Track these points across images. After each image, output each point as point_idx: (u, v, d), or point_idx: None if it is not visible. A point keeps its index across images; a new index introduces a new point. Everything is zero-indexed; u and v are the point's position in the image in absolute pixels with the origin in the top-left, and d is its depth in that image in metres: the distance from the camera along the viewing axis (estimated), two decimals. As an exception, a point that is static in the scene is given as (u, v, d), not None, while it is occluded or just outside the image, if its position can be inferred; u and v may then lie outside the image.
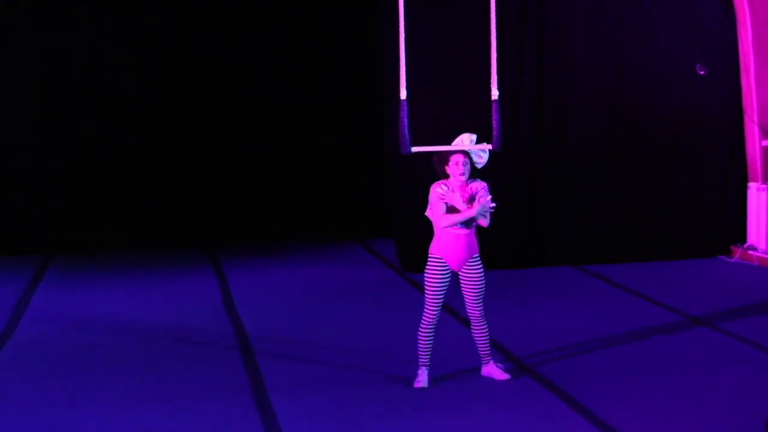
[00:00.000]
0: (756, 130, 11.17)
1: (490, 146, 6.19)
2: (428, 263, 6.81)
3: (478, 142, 6.34)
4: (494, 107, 5.97)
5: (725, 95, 11.26)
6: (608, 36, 11.05)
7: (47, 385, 7.04)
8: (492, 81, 5.95)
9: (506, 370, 7.06)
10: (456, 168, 6.58)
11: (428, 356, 6.90)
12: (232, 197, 12.87)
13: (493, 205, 6.54)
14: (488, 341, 6.98)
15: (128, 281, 10.76)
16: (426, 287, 6.85)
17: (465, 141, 6.56)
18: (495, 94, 6.03)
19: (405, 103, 5.41)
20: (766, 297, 9.61)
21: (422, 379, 6.86)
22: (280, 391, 6.79)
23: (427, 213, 6.75)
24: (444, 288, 6.82)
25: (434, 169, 6.68)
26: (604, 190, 11.20)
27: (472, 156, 6.59)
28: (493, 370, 6.98)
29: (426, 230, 6.82)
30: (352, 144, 12.98)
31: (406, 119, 5.37)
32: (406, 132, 5.36)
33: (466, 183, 6.66)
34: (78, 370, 7.43)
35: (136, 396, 6.78)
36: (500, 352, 7.62)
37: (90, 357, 7.82)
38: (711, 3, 11.18)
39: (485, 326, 6.93)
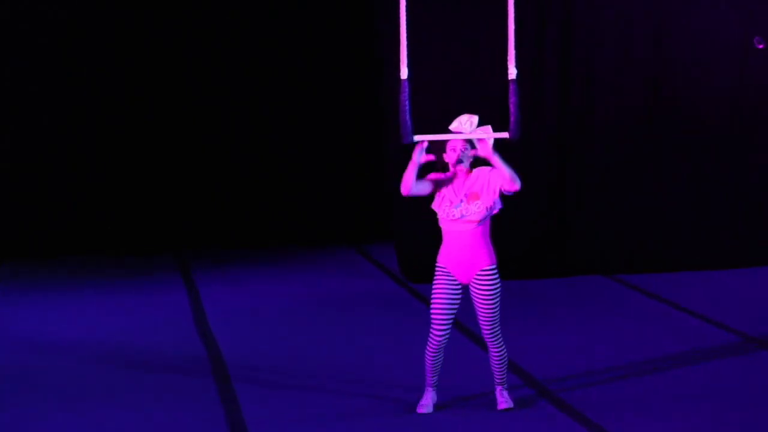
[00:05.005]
0: (826, 114, 10.90)
1: (506, 134, 5.92)
2: (434, 273, 6.64)
3: (488, 126, 6.04)
4: (511, 88, 5.74)
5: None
6: (645, 11, 10.91)
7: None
8: (509, 58, 5.69)
9: (516, 398, 6.86)
10: (452, 155, 6.36)
11: (435, 377, 6.75)
12: (215, 200, 12.85)
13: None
14: (502, 366, 6.76)
15: (85, 296, 10.65)
16: (431, 301, 6.63)
17: (464, 124, 6.34)
18: (512, 72, 5.81)
19: (406, 84, 5.17)
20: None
21: (426, 403, 6.69)
22: (261, 425, 6.69)
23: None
24: (449, 304, 6.59)
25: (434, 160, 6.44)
26: (640, 187, 11.03)
27: (474, 141, 6.37)
28: (498, 396, 6.75)
29: (432, 234, 6.66)
30: (346, 140, 13.02)
31: (407, 103, 5.11)
32: (408, 118, 5.10)
33: (468, 172, 6.45)
34: (21, 401, 7.26)
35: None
36: (518, 375, 7.48)
37: (36, 385, 7.66)
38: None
39: (499, 350, 6.70)
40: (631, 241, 11.05)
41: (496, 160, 6.20)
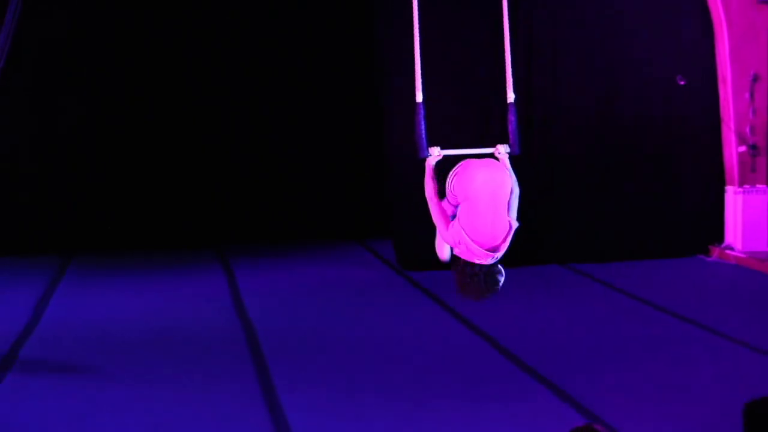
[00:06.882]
0: (733, 137, 11.18)
1: (507, 148, 5.35)
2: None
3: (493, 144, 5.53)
4: (510, 110, 5.38)
5: (705, 105, 11.29)
6: (596, 49, 11.03)
7: (63, 381, 6.96)
8: (507, 84, 5.52)
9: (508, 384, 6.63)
10: None
11: None
12: (235, 198, 12.45)
13: None
14: None
15: (143, 281, 10.49)
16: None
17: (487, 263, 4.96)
18: (511, 97, 5.47)
19: (422, 106, 5.18)
20: (742, 293, 9.66)
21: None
22: (286, 384, 6.75)
23: None
24: None
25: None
26: (591, 193, 11.15)
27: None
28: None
29: (424, 230, 6.30)
30: (352, 147, 12.56)
31: (423, 123, 5.15)
32: (424, 136, 5.16)
33: None
34: (94, 365, 7.33)
35: (148, 389, 6.72)
36: (499, 351, 7.54)
37: (103, 355, 7.69)
38: (691, 18, 11.19)
39: None
40: (581, 237, 11.09)
41: (507, 163, 5.18)
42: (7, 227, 11.86)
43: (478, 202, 4.80)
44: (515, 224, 4.86)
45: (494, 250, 4.76)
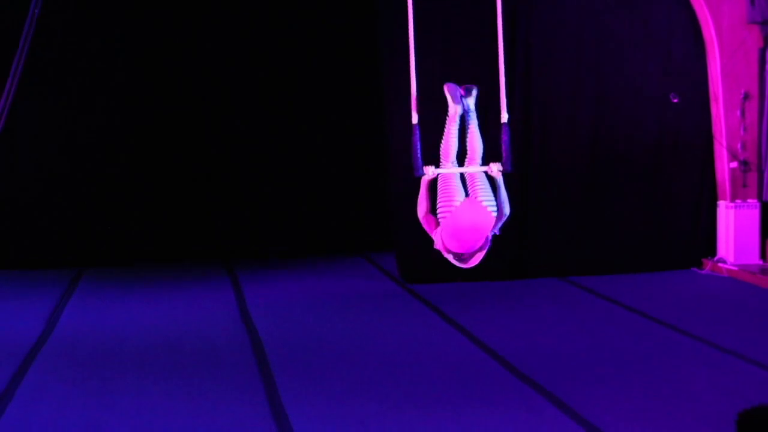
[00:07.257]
0: (724, 153, 11.28)
1: (499, 166, 5.57)
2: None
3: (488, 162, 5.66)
4: (504, 129, 5.51)
5: (697, 122, 11.39)
6: (590, 68, 11.14)
7: (74, 391, 6.99)
8: (501, 104, 5.62)
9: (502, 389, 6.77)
10: None
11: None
12: (243, 213, 12.52)
13: None
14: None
15: (153, 294, 10.51)
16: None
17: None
18: (505, 117, 5.60)
19: (417, 128, 5.28)
20: (734, 305, 9.72)
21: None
22: (292, 394, 6.80)
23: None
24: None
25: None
26: (588, 208, 11.23)
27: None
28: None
29: (425, 244, 6.45)
30: (358, 158, 12.61)
31: (418, 143, 5.26)
32: (419, 156, 5.27)
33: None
34: (107, 374, 7.39)
35: (158, 398, 6.80)
36: (498, 362, 7.61)
37: (116, 362, 7.77)
38: (683, 37, 11.30)
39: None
40: (579, 251, 11.16)
41: (500, 181, 5.51)
42: (20, 241, 11.91)
43: (460, 242, 5.26)
44: (491, 235, 5.17)
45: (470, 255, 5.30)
